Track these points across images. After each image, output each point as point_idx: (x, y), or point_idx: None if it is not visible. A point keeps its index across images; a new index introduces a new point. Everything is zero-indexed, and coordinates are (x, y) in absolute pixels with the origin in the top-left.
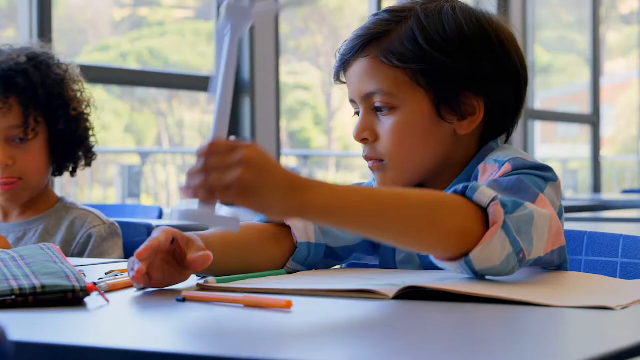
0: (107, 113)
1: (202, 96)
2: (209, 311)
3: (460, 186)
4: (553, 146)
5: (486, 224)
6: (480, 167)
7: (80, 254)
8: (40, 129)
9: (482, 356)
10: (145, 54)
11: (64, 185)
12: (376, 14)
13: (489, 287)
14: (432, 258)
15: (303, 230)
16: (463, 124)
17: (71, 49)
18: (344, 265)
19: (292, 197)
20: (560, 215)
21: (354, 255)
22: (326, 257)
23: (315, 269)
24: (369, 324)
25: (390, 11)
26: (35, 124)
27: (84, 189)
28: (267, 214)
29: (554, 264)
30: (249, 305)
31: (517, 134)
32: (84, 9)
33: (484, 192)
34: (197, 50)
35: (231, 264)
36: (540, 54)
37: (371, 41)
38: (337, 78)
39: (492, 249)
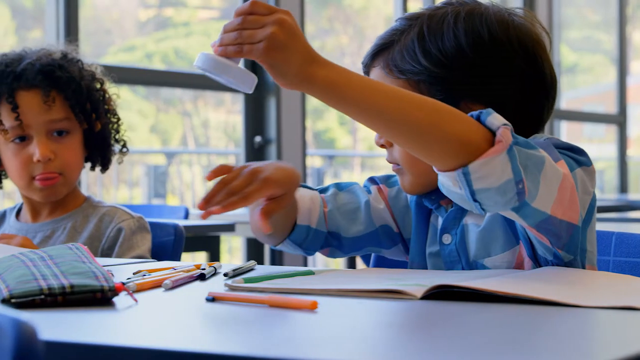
0: (132, 113)
1: (227, 96)
2: (236, 311)
3: (476, 112)
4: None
5: (493, 144)
6: None
7: (110, 248)
8: (78, 124)
9: (510, 357)
10: (170, 54)
11: (89, 186)
12: (396, 21)
13: (518, 287)
14: (435, 169)
15: (307, 213)
16: None
17: (97, 50)
18: (371, 265)
19: (308, 66)
20: (592, 204)
21: (367, 248)
22: (329, 245)
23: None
24: (396, 325)
25: (403, 19)
26: (76, 118)
27: (110, 189)
28: (283, 77)
29: (560, 239)
30: (275, 306)
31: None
32: (109, 9)
33: (497, 117)
34: None
35: None
36: (566, 54)
37: (381, 51)
38: None
39: (493, 167)
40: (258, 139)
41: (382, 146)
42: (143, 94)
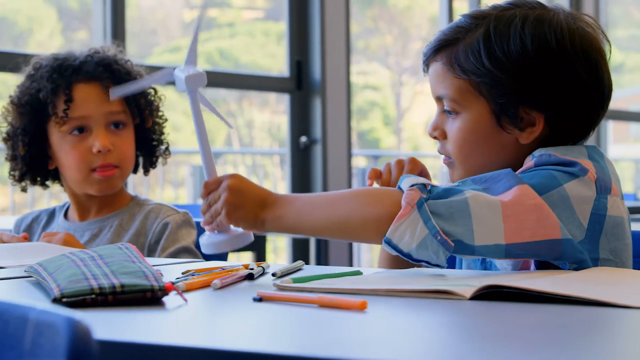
0: (177, 114)
1: (271, 97)
2: (285, 311)
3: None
4: (626, 146)
5: None
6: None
7: (156, 243)
8: (131, 119)
9: (563, 358)
10: (215, 54)
11: (136, 186)
12: (460, 17)
13: (567, 287)
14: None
15: None
16: (523, 135)
17: (142, 50)
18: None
19: (260, 211)
20: (600, 212)
21: None
22: None
23: None
24: (445, 325)
25: (469, 16)
26: (130, 112)
27: (156, 189)
28: (250, 228)
29: (543, 256)
30: (324, 306)
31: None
32: (154, 10)
33: (409, 181)
34: (267, 50)
35: None
36: (612, 53)
37: (443, 47)
38: (425, 72)
39: (404, 228)
40: (303, 139)
41: (435, 138)
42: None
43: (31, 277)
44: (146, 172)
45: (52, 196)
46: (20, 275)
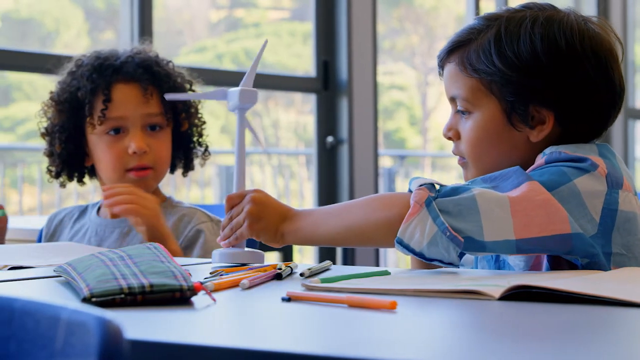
0: (204, 114)
1: (297, 97)
2: (313, 311)
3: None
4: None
5: None
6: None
7: (187, 248)
8: (168, 121)
9: (593, 359)
10: (241, 55)
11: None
12: (474, 19)
13: (597, 287)
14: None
15: None
16: (533, 133)
17: (168, 51)
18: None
19: (280, 224)
20: (613, 207)
21: None
22: None
23: None
24: (474, 325)
25: (482, 18)
26: (167, 114)
27: (182, 189)
28: (270, 242)
29: (554, 251)
30: (353, 306)
31: (616, 134)
32: (180, 10)
33: (418, 181)
34: (293, 51)
35: None
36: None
37: (457, 48)
38: (440, 74)
39: (414, 227)
40: (330, 139)
41: (449, 139)
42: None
43: (60, 276)
44: (184, 173)
45: (80, 196)
46: (49, 275)
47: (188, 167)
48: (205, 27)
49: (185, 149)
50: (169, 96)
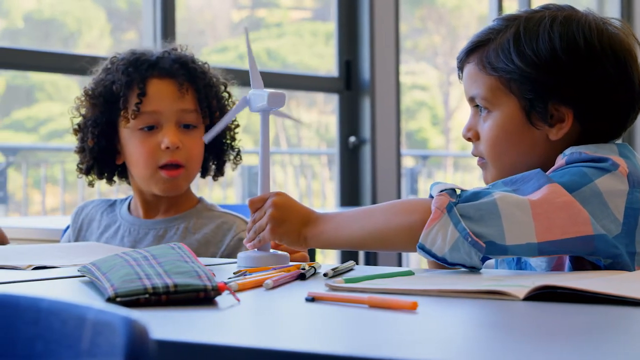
0: None
1: (319, 97)
2: (337, 311)
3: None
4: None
5: None
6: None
7: (229, 256)
8: (202, 120)
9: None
10: (262, 54)
11: None
12: (494, 20)
13: (622, 288)
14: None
15: None
16: (552, 131)
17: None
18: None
19: (303, 228)
20: (635, 206)
21: None
22: None
23: None
24: (499, 325)
25: (501, 19)
26: (202, 112)
27: (204, 189)
28: (292, 245)
29: (577, 252)
30: (375, 306)
31: (638, 134)
32: (202, 10)
33: (439, 187)
34: (315, 50)
35: None
36: None
37: (476, 49)
38: (460, 77)
39: (435, 233)
40: (352, 139)
41: (468, 139)
42: (235, 95)
43: (84, 276)
44: (214, 177)
45: (103, 197)
46: (73, 274)
47: (219, 171)
48: (227, 27)
49: (217, 151)
50: (207, 136)
